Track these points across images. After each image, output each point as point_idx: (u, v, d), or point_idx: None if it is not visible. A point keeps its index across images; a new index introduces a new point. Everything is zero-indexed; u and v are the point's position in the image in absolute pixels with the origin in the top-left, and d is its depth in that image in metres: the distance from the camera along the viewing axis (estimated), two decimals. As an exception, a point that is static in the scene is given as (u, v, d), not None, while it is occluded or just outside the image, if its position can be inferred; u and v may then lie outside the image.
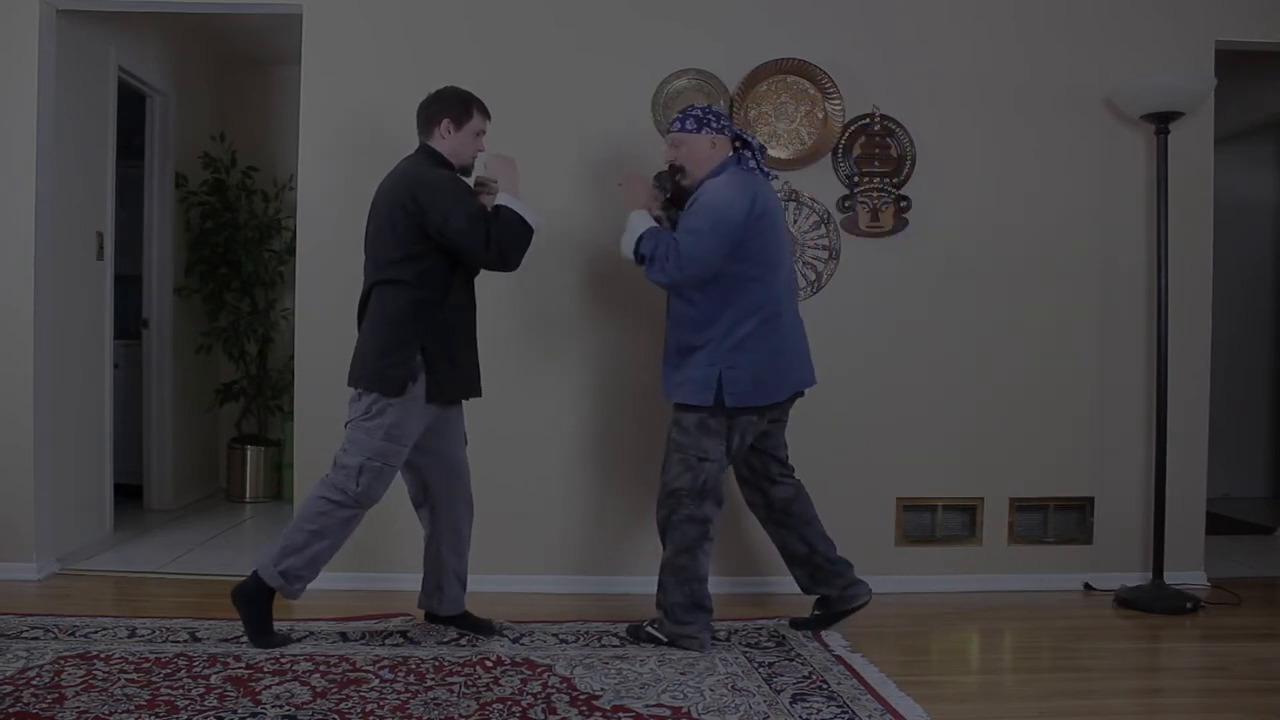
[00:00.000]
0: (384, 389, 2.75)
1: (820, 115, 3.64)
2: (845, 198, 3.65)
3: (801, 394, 3.05)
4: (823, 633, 3.05)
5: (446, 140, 2.88)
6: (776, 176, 3.03)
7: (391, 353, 2.76)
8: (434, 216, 2.71)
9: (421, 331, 2.77)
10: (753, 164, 2.96)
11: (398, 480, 2.98)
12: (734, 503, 3.56)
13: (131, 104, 4.65)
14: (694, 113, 2.96)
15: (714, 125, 2.94)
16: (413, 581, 3.17)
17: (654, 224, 2.94)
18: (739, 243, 2.82)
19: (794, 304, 3.04)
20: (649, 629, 2.96)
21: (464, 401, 3.00)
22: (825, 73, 3.62)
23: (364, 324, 2.86)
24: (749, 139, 2.99)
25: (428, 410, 2.83)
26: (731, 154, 2.97)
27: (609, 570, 3.60)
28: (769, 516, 3.12)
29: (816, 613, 3.12)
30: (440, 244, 2.75)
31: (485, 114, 2.93)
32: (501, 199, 2.82)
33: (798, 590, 3.19)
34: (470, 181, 2.94)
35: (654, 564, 3.57)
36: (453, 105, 2.88)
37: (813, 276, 3.64)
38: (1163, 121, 3.53)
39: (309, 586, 2.87)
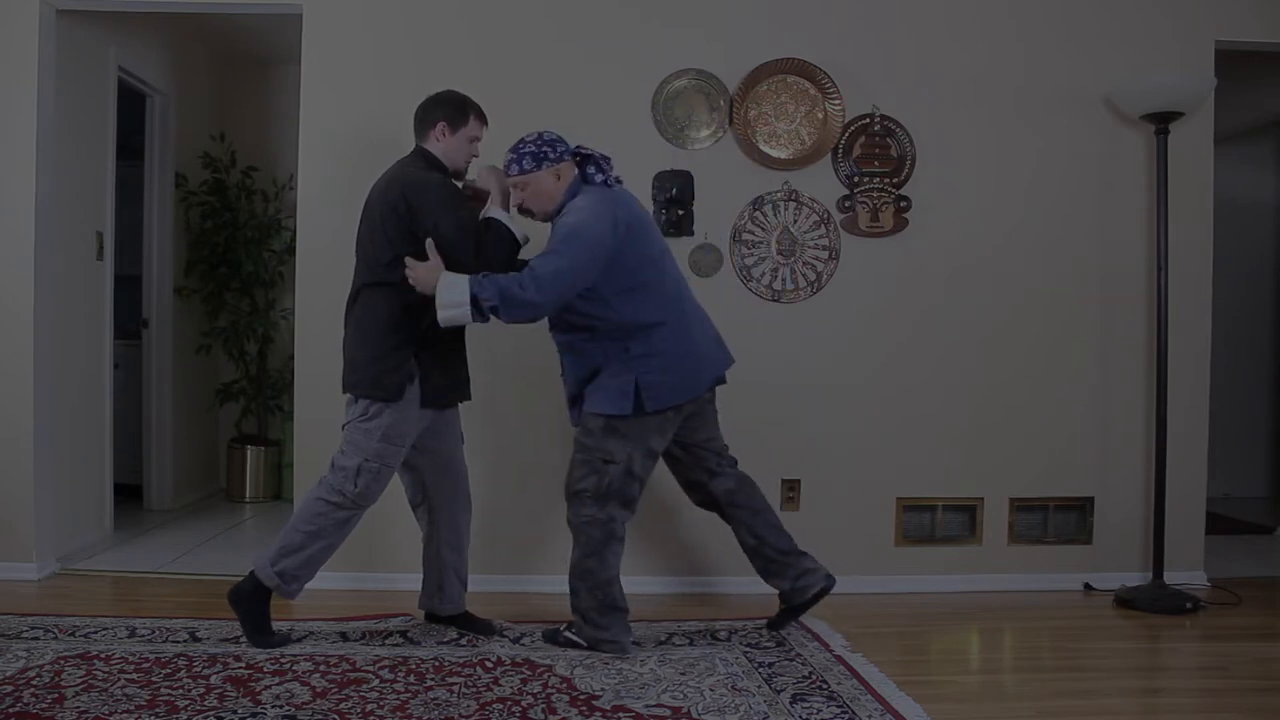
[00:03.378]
0: (380, 395, 2.75)
1: (820, 115, 3.64)
2: (845, 198, 3.65)
3: (723, 380, 2.98)
4: (822, 633, 3.04)
5: (441, 143, 2.87)
6: (622, 181, 2.91)
7: (385, 358, 2.76)
8: (424, 220, 2.71)
9: (414, 336, 2.77)
10: (600, 178, 2.85)
11: (398, 481, 2.99)
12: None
13: (131, 104, 4.65)
14: (527, 150, 2.80)
15: (551, 156, 2.80)
16: (412, 581, 3.17)
17: (458, 276, 2.68)
18: (614, 258, 2.72)
19: (691, 296, 2.95)
20: (566, 634, 2.90)
21: (472, 399, 3.00)
22: (825, 73, 3.63)
23: (351, 327, 2.86)
24: (589, 153, 2.86)
25: (424, 413, 2.83)
26: (577, 175, 2.86)
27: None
28: (722, 513, 3.06)
29: (781, 608, 3.09)
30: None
31: (482, 120, 2.92)
32: (493, 212, 2.81)
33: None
34: (460, 186, 2.94)
35: (652, 565, 3.59)
36: (449, 109, 2.87)
37: (813, 276, 3.64)
38: (1163, 121, 3.53)
39: (308, 586, 2.87)
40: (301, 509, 2.82)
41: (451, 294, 2.65)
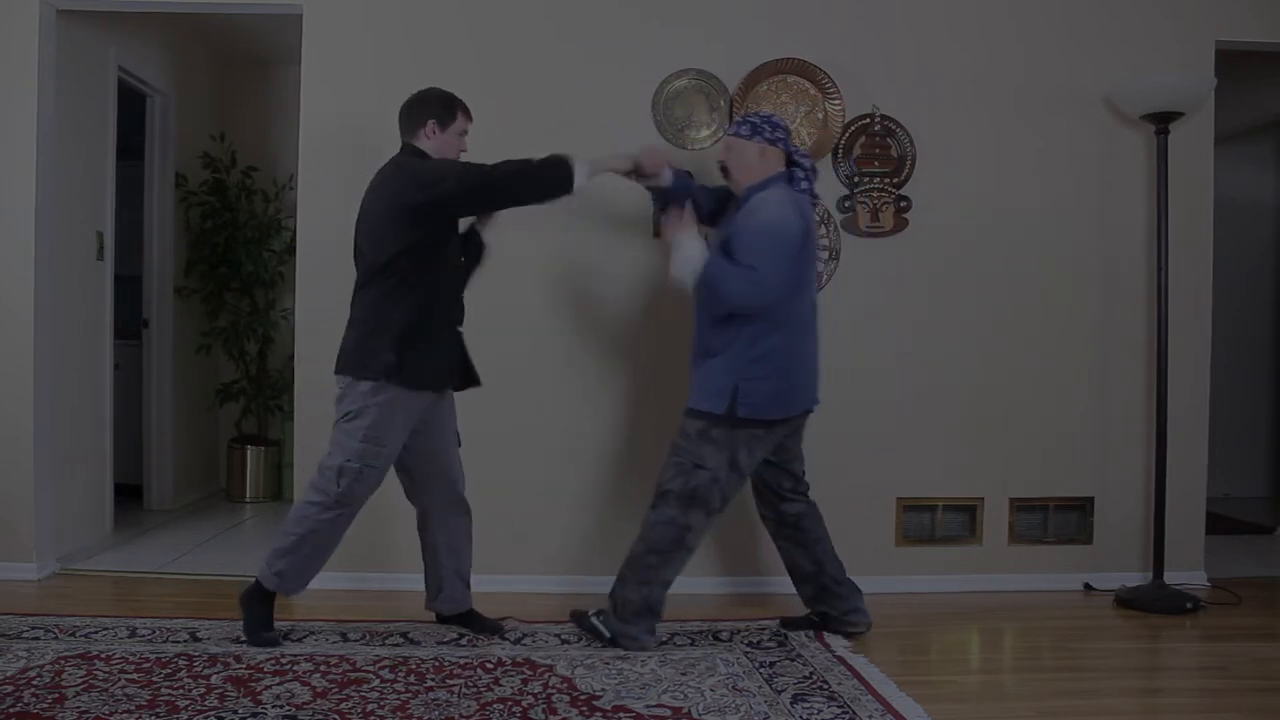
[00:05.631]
0: (364, 374, 2.76)
1: (820, 115, 3.63)
2: (845, 198, 3.65)
3: (810, 412, 3.03)
4: (823, 634, 3.04)
5: (431, 141, 2.88)
6: (820, 200, 2.99)
7: (367, 340, 2.78)
8: (427, 191, 2.73)
9: (395, 321, 2.77)
10: (804, 185, 2.92)
11: (397, 482, 2.99)
12: (737, 502, 3.57)
13: (131, 104, 4.65)
14: (751, 119, 2.93)
15: (766, 135, 2.90)
16: (412, 581, 3.17)
17: (693, 238, 2.83)
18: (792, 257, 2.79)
19: (815, 324, 3.00)
20: (594, 620, 2.95)
21: (472, 400, 3.00)
22: (825, 73, 3.63)
23: (348, 325, 2.88)
24: (802, 160, 2.94)
25: (408, 409, 2.81)
26: (783, 170, 2.93)
27: (613, 571, 3.59)
28: (779, 531, 3.09)
29: (814, 617, 3.11)
30: (436, 222, 2.77)
31: (468, 115, 2.95)
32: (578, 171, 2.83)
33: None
34: None
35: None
36: (436, 107, 2.88)
37: (813, 276, 3.64)
38: (1163, 121, 3.53)
39: (310, 586, 2.89)
40: (293, 510, 2.85)
41: (692, 247, 2.80)
